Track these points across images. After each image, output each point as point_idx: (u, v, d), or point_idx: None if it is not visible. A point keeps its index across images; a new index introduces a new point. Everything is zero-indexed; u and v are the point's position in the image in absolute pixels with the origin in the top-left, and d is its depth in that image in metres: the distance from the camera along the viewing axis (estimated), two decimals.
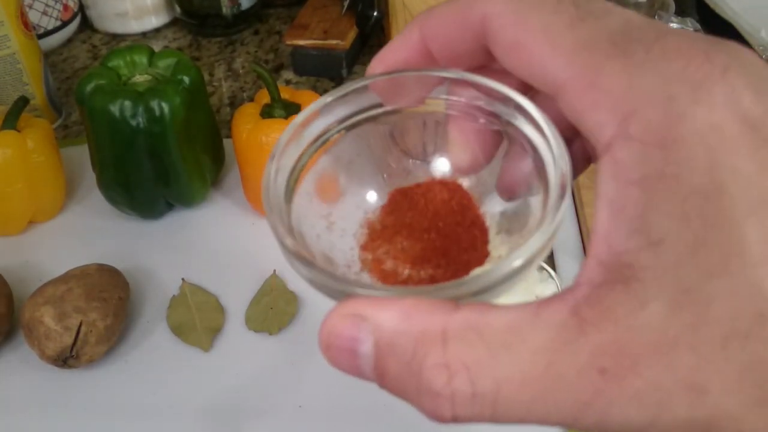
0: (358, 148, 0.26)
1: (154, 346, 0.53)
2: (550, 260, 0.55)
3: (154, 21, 0.90)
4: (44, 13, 0.83)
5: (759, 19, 0.72)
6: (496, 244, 0.25)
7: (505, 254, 0.24)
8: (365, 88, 0.25)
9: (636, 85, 0.20)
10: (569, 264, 0.55)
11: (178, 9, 0.88)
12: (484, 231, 0.26)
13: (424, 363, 0.19)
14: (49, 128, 0.62)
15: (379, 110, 0.26)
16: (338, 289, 0.21)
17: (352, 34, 0.78)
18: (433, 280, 0.24)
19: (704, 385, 0.18)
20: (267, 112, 0.57)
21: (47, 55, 0.84)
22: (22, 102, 0.59)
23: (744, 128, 0.19)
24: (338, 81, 0.80)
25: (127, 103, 0.54)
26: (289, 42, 0.79)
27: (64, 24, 0.86)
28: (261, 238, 0.61)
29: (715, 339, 0.18)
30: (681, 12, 0.67)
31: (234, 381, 0.50)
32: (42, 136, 0.60)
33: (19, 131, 0.59)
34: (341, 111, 0.25)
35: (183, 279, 0.57)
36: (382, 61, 0.26)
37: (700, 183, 0.19)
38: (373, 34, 0.83)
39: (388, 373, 0.20)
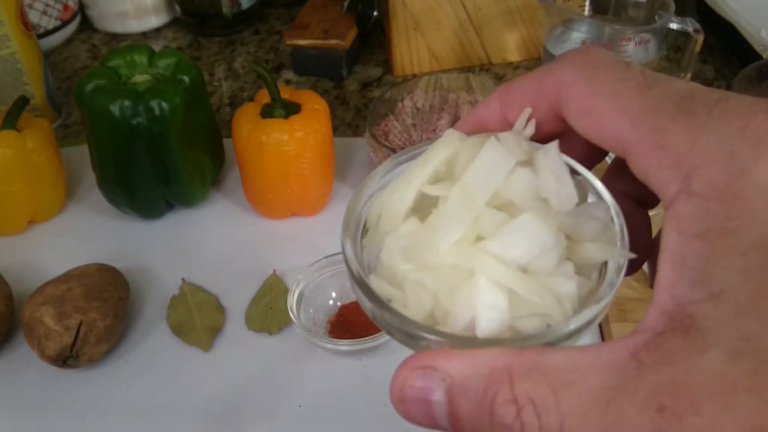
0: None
1: (154, 346, 0.53)
2: None
3: (154, 21, 0.90)
4: (44, 13, 0.83)
5: (759, 19, 0.72)
6: None
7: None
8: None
9: (698, 144, 0.21)
10: None
11: (178, 9, 0.88)
12: None
13: (495, 400, 0.21)
14: (49, 128, 0.62)
15: None
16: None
17: (352, 34, 0.78)
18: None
19: (764, 428, 0.19)
20: (267, 112, 0.57)
21: (47, 55, 0.84)
22: (22, 102, 0.59)
23: None
24: (338, 81, 0.80)
25: (127, 103, 0.54)
26: (289, 42, 0.79)
27: (64, 24, 0.86)
28: (261, 238, 0.61)
29: None
30: (681, 12, 0.67)
31: (234, 381, 0.50)
32: (42, 136, 0.60)
33: (18, 131, 0.59)
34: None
35: (183, 279, 0.57)
36: (465, 124, 0.28)
37: (761, 236, 0.20)
38: (373, 34, 0.83)
39: (462, 415, 0.22)
